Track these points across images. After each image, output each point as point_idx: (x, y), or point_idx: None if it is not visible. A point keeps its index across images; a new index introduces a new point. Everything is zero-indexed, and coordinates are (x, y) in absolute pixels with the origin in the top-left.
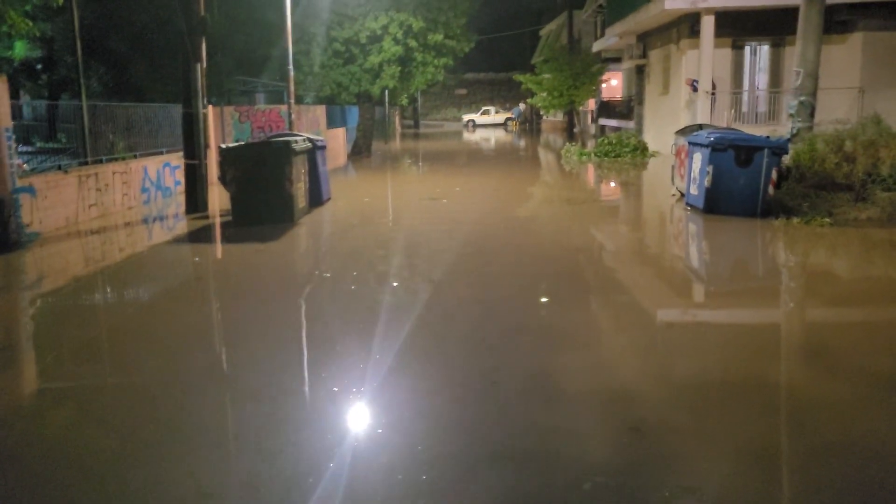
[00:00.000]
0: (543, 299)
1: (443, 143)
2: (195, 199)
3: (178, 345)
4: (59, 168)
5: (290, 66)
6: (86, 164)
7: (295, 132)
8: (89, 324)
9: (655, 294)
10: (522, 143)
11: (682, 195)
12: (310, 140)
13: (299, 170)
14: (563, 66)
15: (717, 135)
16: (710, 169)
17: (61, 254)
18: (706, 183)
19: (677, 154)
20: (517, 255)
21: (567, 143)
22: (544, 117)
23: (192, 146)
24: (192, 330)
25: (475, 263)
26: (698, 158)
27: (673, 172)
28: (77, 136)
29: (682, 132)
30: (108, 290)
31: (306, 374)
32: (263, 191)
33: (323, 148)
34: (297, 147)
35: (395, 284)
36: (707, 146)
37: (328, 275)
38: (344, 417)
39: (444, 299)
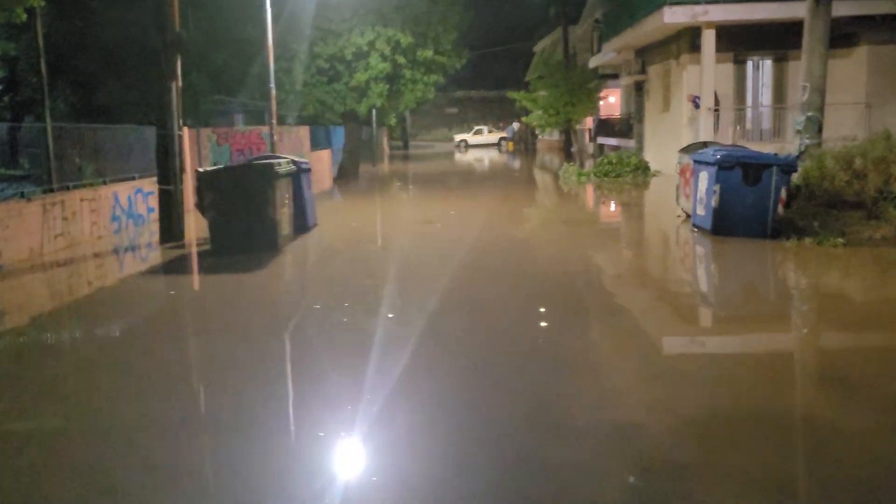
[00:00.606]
0: (545, 330)
1: (434, 164)
2: (170, 227)
3: (151, 386)
4: (22, 196)
5: (272, 85)
6: (51, 191)
7: (278, 154)
8: (52, 363)
9: (666, 321)
10: (518, 163)
11: (688, 216)
12: (294, 163)
13: (283, 194)
14: (559, 82)
15: (724, 152)
16: (717, 188)
17: (22, 287)
18: (713, 203)
19: (682, 173)
20: (517, 284)
21: (565, 164)
22: (540, 137)
23: (167, 170)
24: (167, 370)
25: (472, 293)
26: (704, 177)
27: (678, 192)
28: (41, 161)
29: (686, 150)
30: (75, 326)
31: (292, 414)
32: (245, 217)
33: (308, 171)
34: (280, 170)
35: (389, 316)
36: (714, 164)
37: (317, 306)
38: (335, 460)
39: (440, 331)
